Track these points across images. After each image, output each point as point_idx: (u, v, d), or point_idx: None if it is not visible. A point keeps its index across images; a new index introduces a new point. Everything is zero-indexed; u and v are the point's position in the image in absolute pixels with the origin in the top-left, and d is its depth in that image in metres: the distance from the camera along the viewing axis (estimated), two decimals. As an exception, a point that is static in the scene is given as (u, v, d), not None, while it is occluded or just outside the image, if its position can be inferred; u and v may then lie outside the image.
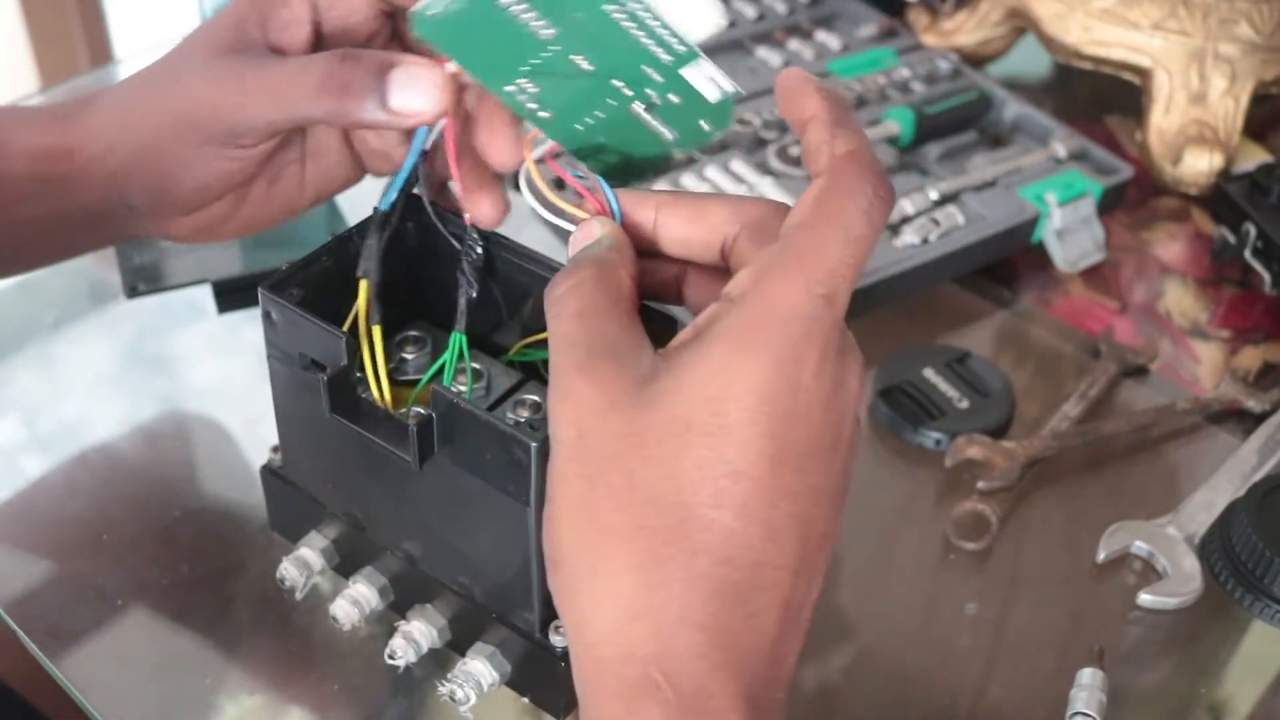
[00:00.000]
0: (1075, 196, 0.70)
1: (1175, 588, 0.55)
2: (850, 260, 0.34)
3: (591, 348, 0.35)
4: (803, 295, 0.33)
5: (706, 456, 0.33)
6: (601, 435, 0.34)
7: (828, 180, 0.35)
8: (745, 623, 0.33)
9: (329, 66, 0.42)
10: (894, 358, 0.63)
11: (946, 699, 0.51)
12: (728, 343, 0.33)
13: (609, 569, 0.33)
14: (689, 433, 0.33)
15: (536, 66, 0.40)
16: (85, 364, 0.64)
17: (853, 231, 0.34)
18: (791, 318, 0.33)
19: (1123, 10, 0.77)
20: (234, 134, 0.45)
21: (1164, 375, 0.66)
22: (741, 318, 0.33)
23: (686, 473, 0.33)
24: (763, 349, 0.33)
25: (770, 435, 0.33)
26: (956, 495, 0.58)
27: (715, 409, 0.33)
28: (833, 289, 0.34)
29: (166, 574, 0.54)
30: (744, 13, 0.84)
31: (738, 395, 0.33)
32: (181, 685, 0.51)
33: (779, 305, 0.33)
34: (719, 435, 0.33)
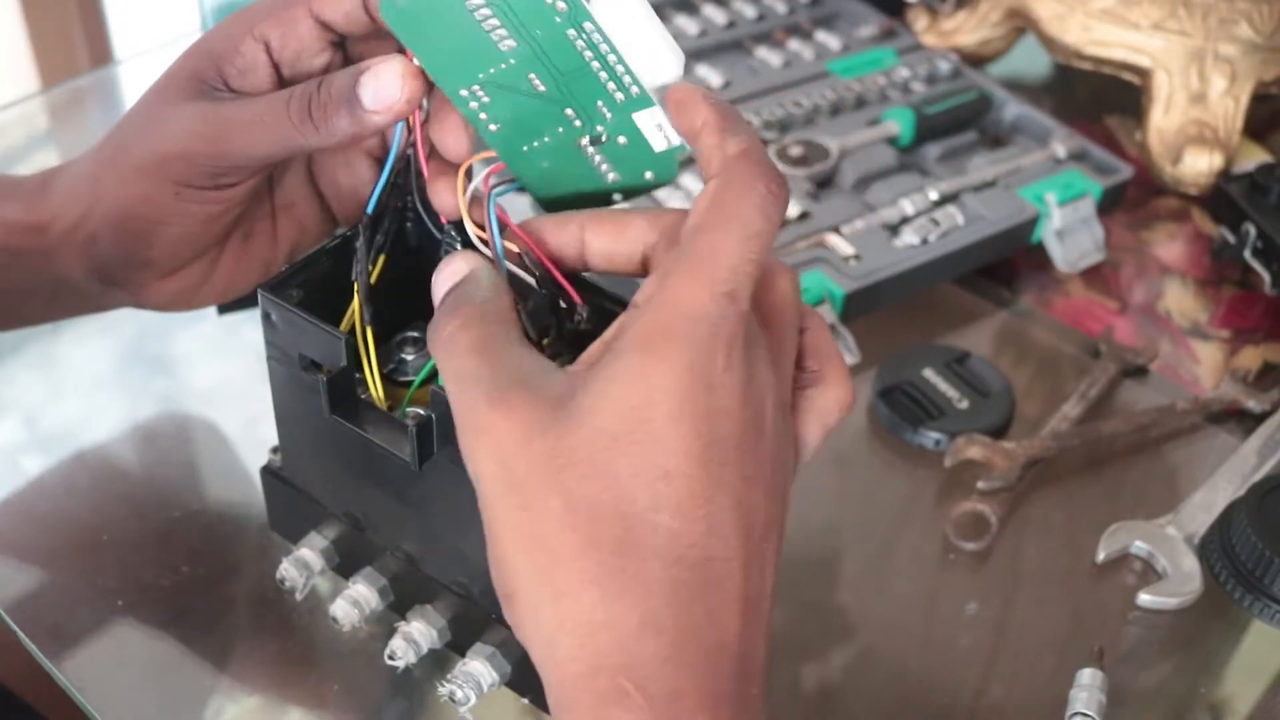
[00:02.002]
0: (1075, 196, 0.70)
1: (1175, 588, 0.55)
2: (750, 255, 0.35)
3: (496, 379, 0.35)
4: (705, 295, 0.34)
5: (637, 464, 0.33)
6: (528, 462, 0.34)
7: (720, 180, 0.36)
8: (706, 619, 0.34)
9: (307, 90, 0.43)
10: (894, 358, 0.63)
11: (946, 699, 0.51)
12: (639, 350, 0.34)
13: (566, 589, 0.33)
14: (616, 444, 0.33)
15: (492, 77, 0.40)
16: (85, 364, 0.64)
17: (749, 228, 0.35)
18: (697, 318, 0.34)
19: (1123, 10, 0.77)
20: (218, 172, 0.44)
21: (1164, 375, 0.66)
22: (649, 323, 0.34)
23: (622, 483, 0.33)
24: (674, 352, 0.33)
25: (695, 434, 0.33)
26: (956, 495, 0.58)
27: (638, 417, 0.33)
28: (734, 286, 0.34)
29: (166, 574, 0.54)
30: (744, 13, 0.84)
31: (657, 400, 0.33)
32: (181, 685, 0.51)
33: (684, 307, 0.34)
34: (646, 442, 0.33)
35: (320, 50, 0.45)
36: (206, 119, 0.44)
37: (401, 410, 0.44)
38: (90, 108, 0.85)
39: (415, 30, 0.39)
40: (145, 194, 0.45)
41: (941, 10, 0.85)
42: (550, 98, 0.40)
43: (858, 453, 0.62)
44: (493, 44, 0.39)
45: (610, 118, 0.40)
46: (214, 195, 0.45)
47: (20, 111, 0.82)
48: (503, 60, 0.39)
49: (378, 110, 0.41)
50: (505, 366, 0.35)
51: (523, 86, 0.40)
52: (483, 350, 0.36)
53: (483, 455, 0.35)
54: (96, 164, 0.47)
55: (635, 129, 0.41)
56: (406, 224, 0.46)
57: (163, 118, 0.45)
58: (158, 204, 0.45)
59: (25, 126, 0.82)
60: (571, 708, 0.34)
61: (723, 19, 0.84)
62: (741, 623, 0.34)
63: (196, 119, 0.44)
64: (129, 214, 0.46)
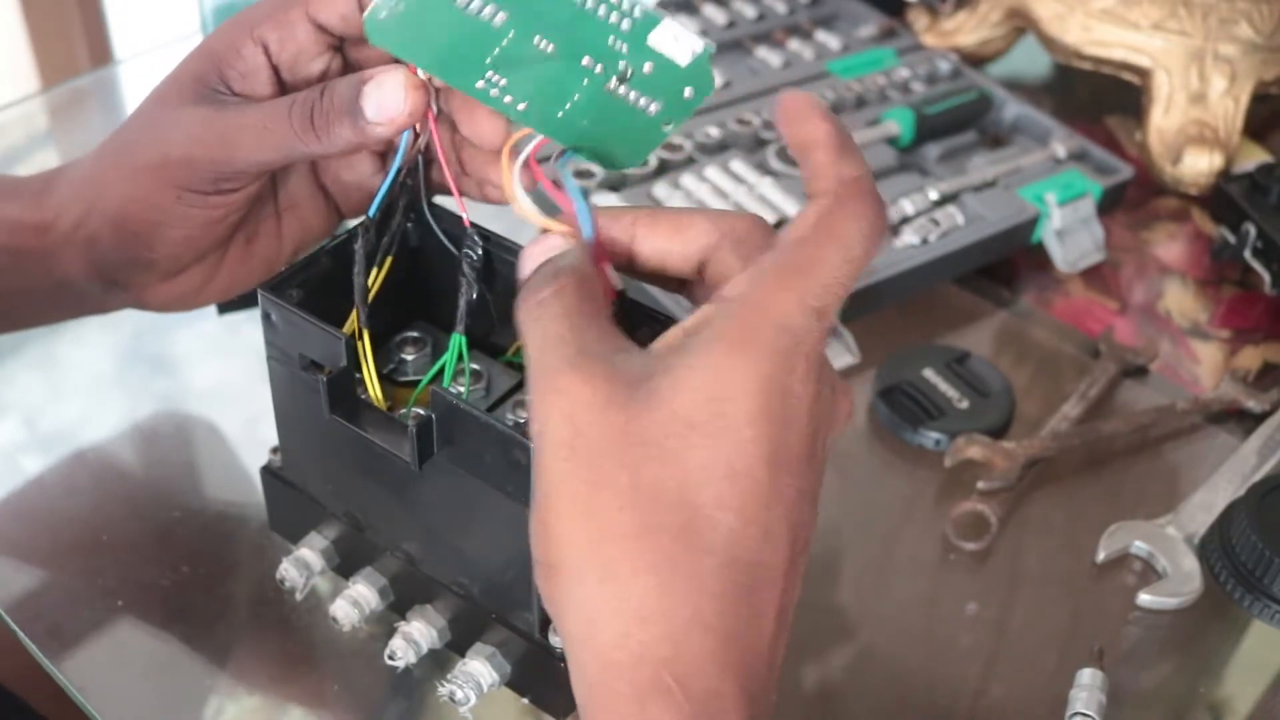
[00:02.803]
0: (1075, 196, 0.70)
1: (1175, 588, 0.55)
2: (844, 279, 0.35)
3: (582, 347, 0.35)
4: (796, 305, 0.34)
5: (708, 457, 0.33)
6: (601, 433, 0.33)
7: (833, 201, 0.36)
8: (750, 624, 0.34)
9: (310, 98, 0.43)
10: (894, 358, 0.63)
11: (946, 699, 0.51)
12: (724, 345, 0.34)
13: (618, 571, 0.33)
14: (691, 432, 0.33)
15: (498, 56, 0.39)
16: (85, 364, 0.64)
17: (851, 252, 0.35)
18: (785, 326, 0.34)
19: (1123, 10, 0.77)
20: (221, 178, 0.44)
21: (1164, 375, 0.66)
22: (737, 321, 0.34)
23: (691, 472, 0.33)
24: (758, 354, 0.33)
25: (768, 438, 0.33)
26: (956, 495, 0.58)
27: (716, 410, 0.33)
28: (825, 303, 0.34)
29: (166, 574, 0.54)
30: (744, 13, 0.84)
31: (737, 398, 0.33)
32: (181, 685, 0.51)
33: (774, 312, 0.34)
34: (720, 436, 0.33)
35: (319, 53, 0.45)
36: (209, 124, 0.44)
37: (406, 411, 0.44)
38: (90, 108, 0.85)
39: (407, 40, 0.39)
40: (147, 197, 0.45)
41: (941, 10, 0.85)
42: (562, 54, 0.40)
43: (858, 453, 0.62)
44: (485, 25, 0.39)
45: (627, 49, 0.40)
46: (216, 200, 0.45)
47: (20, 111, 0.82)
48: (501, 37, 0.39)
49: (380, 122, 0.41)
50: (592, 336, 0.35)
51: (531, 54, 0.39)
52: (574, 317, 0.36)
53: (555, 415, 0.34)
54: (99, 165, 0.47)
55: (655, 52, 0.40)
56: (408, 224, 0.46)
57: (166, 121, 0.45)
58: (159, 207, 0.45)
59: (25, 126, 0.82)
60: (605, 696, 0.34)
61: (723, 19, 0.84)
62: (776, 629, 0.35)
63: (199, 124, 0.44)
64: (130, 216, 0.46)
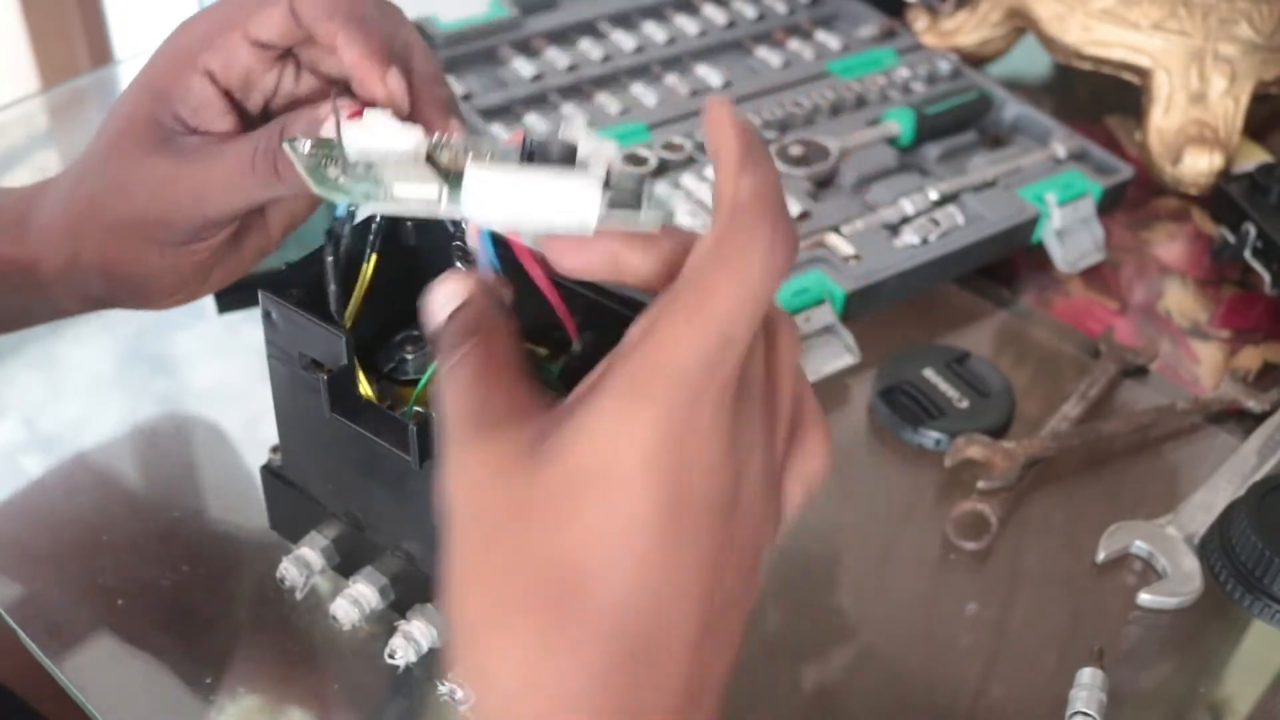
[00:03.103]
0: (1075, 196, 0.70)
1: (1175, 588, 0.55)
2: (745, 308, 0.32)
3: (481, 418, 0.33)
4: (691, 346, 0.31)
5: (599, 514, 0.31)
6: (495, 502, 0.32)
7: (727, 221, 0.33)
8: (645, 699, 0.32)
9: (270, 146, 0.42)
10: (894, 358, 0.63)
11: (946, 698, 0.51)
12: (619, 393, 0.31)
13: (505, 641, 0.32)
14: (581, 491, 0.31)
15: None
16: (85, 364, 0.64)
17: (748, 276, 0.32)
18: (680, 369, 0.31)
19: (1122, 10, 0.77)
20: (197, 232, 0.44)
21: (1164, 375, 0.66)
22: (633, 366, 0.32)
23: (580, 533, 0.31)
24: (654, 397, 0.31)
25: (665, 489, 0.31)
26: (956, 495, 0.58)
27: (608, 464, 0.31)
28: (728, 336, 0.32)
29: (166, 574, 0.54)
30: (744, 13, 0.84)
31: (630, 449, 0.31)
32: (181, 685, 0.51)
33: (671, 353, 0.31)
34: (612, 492, 0.31)
35: (267, 68, 0.44)
36: (176, 182, 0.43)
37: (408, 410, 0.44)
38: (90, 108, 0.85)
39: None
40: (130, 252, 0.45)
41: (941, 10, 0.85)
42: None
43: (858, 453, 0.62)
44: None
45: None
46: (199, 245, 0.45)
47: (20, 111, 0.82)
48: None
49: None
50: (497, 401, 0.34)
51: None
52: (479, 384, 0.34)
53: (459, 490, 0.33)
54: (70, 215, 0.46)
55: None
56: (407, 223, 0.46)
57: (131, 177, 0.44)
58: (143, 260, 0.45)
59: (25, 126, 0.82)
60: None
61: (723, 19, 0.84)
62: (684, 705, 0.32)
63: (166, 182, 0.43)
64: (117, 269, 0.46)
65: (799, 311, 0.63)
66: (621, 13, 0.83)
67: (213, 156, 0.43)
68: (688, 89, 0.78)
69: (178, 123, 0.44)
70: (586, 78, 0.78)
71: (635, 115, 0.76)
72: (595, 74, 0.78)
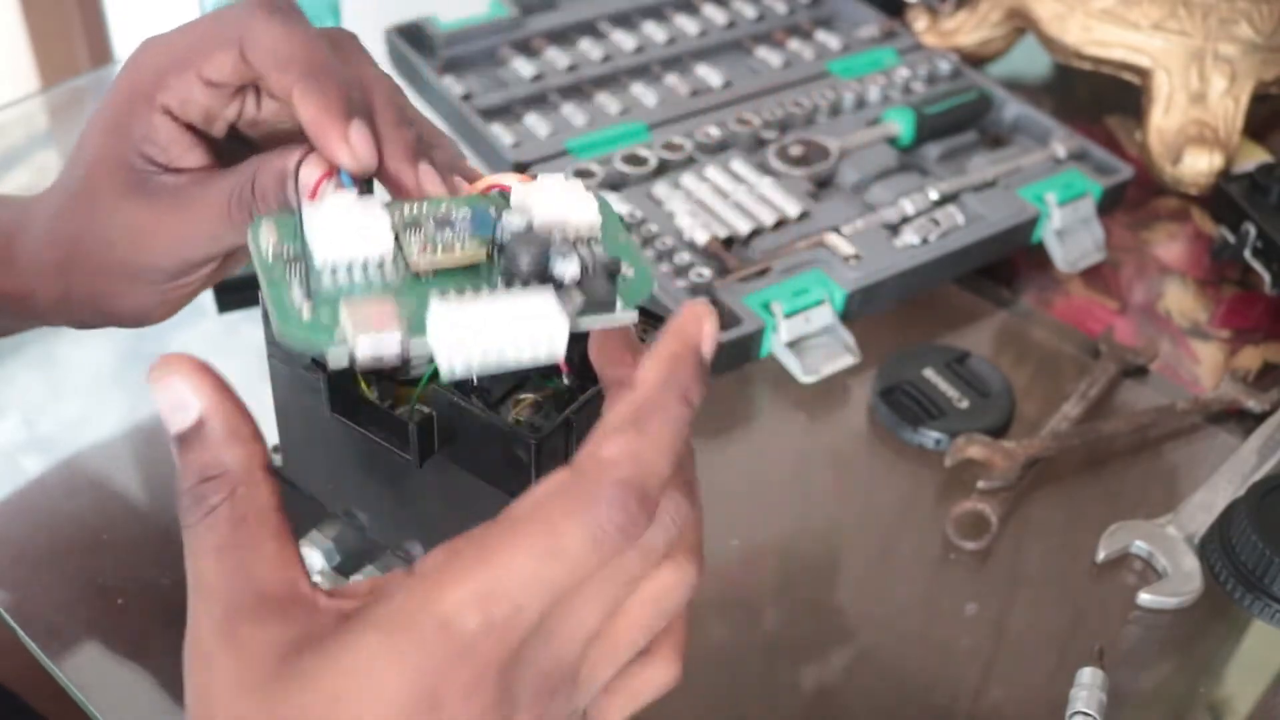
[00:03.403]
0: (1075, 196, 0.70)
1: (1175, 587, 0.55)
2: (549, 582, 0.29)
3: (231, 602, 0.30)
4: (469, 603, 0.28)
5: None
6: (230, 713, 0.30)
7: (570, 478, 0.30)
8: None
9: (245, 196, 0.41)
10: (894, 358, 0.63)
11: (946, 699, 0.51)
12: (378, 635, 0.29)
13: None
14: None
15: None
16: (85, 364, 0.64)
17: (564, 553, 0.29)
18: (447, 624, 0.28)
19: (1122, 10, 0.78)
20: (182, 273, 0.44)
21: (1164, 375, 0.66)
22: (403, 609, 0.29)
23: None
24: (407, 649, 0.28)
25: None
26: (956, 495, 0.58)
27: (351, 701, 0.28)
28: (513, 606, 0.29)
29: (166, 573, 0.54)
30: (744, 13, 0.84)
31: (366, 698, 0.28)
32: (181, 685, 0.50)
33: (438, 605, 0.29)
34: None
35: (227, 102, 0.43)
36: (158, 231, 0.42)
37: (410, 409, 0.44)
38: (90, 108, 0.85)
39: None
40: (118, 288, 0.45)
41: (941, 10, 0.86)
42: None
43: (858, 453, 0.62)
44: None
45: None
46: (187, 279, 0.45)
47: (20, 111, 0.82)
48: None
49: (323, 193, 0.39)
50: (246, 583, 0.30)
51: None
52: (224, 554, 0.30)
53: (193, 689, 0.30)
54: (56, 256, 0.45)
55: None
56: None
57: (111, 225, 0.43)
58: (134, 297, 0.45)
59: (25, 126, 0.82)
60: None
61: (723, 19, 0.84)
62: None
63: (147, 231, 0.42)
64: (107, 301, 0.45)
65: (799, 312, 0.63)
66: (621, 13, 0.83)
67: (189, 203, 0.42)
68: (688, 89, 0.78)
69: (147, 161, 0.42)
70: (586, 78, 0.78)
71: (635, 115, 0.76)
72: (595, 74, 0.78)
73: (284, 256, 0.35)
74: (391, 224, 0.35)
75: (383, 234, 0.35)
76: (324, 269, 0.35)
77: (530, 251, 0.34)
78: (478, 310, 0.32)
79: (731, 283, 0.64)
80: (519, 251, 0.34)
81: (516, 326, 0.32)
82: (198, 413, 0.32)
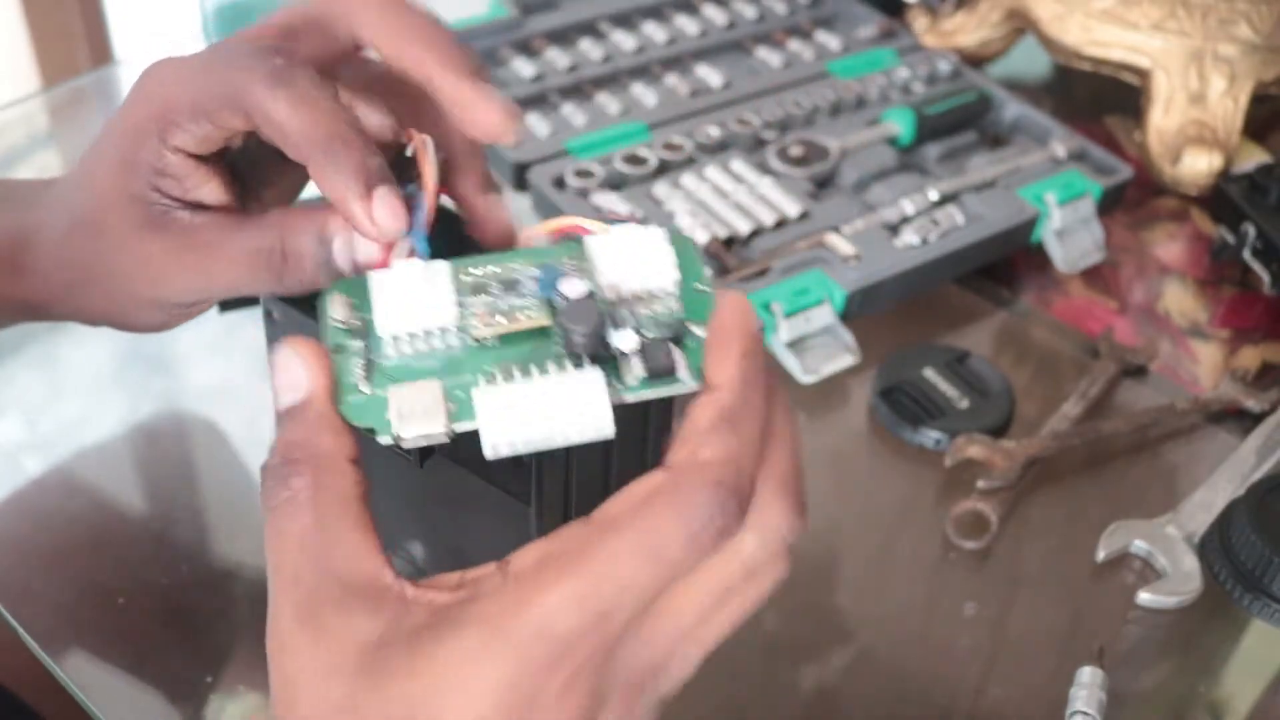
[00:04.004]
0: (1075, 197, 0.71)
1: (1175, 587, 0.55)
2: (647, 583, 0.29)
3: (315, 589, 0.30)
4: (568, 606, 0.29)
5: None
6: (315, 707, 0.30)
7: (668, 480, 0.30)
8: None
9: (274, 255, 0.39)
10: (894, 358, 0.63)
11: (946, 698, 0.51)
12: (474, 633, 0.29)
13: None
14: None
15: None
16: (85, 364, 0.64)
17: (664, 553, 0.29)
18: (545, 628, 0.29)
19: (1122, 11, 0.78)
20: (201, 304, 0.43)
21: (1163, 375, 0.66)
22: (499, 607, 0.29)
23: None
24: (505, 651, 0.29)
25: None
26: (956, 495, 0.58)
27: (441, 705, 0.29)
28: (613, 606, 0.29)
29: (166, 573, 0.54)
30: (744, 13, 0.84)
31: (464, 695, 0.29)
32: (181, 684, 0.51)
33: (537, 609, 0.29)
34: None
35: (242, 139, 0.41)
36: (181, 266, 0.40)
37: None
38: (90, 108, 0.85)
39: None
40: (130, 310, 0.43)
41: (941, 11, 0.86)
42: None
43: (858, 453, 0.62)
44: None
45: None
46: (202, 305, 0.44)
47: (20, 111, 0.82)
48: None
49: (357, 266, 0.38)
50: (329, 571, 0.30)
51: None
52: (307, 542, 0.31)
53: (278, 676, 0.30)
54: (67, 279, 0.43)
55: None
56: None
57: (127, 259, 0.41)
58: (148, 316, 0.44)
59: (25, 126, 0.82)
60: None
61: (723, 19, 0.84)
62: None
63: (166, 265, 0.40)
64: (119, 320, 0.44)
65: (799, 312, 0.63)
66: (621, 13, 0.83)
67: (208, 248, 0.40)
68: (688, 89, 0.78)
69: (162, 195, 0.40)
70: (586, 78, 0.78)
71: (635, 115, 0.76)
72: (595, 74, 0.78)
73: (351, 328, 0.36)
74: (456, 290, 0.36)
75: (446, 304, 0.35)
76: (386, 339, 0.35)
77: (582, 327, 0.34)
78: (522, 393, 0.32)
79: (731, 283, 0.64)
80: (571, 327, 0.34)
81: (561, 411, 0.32)
82: (305, 393, 0.33)
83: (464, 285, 0.36)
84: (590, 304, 0.34)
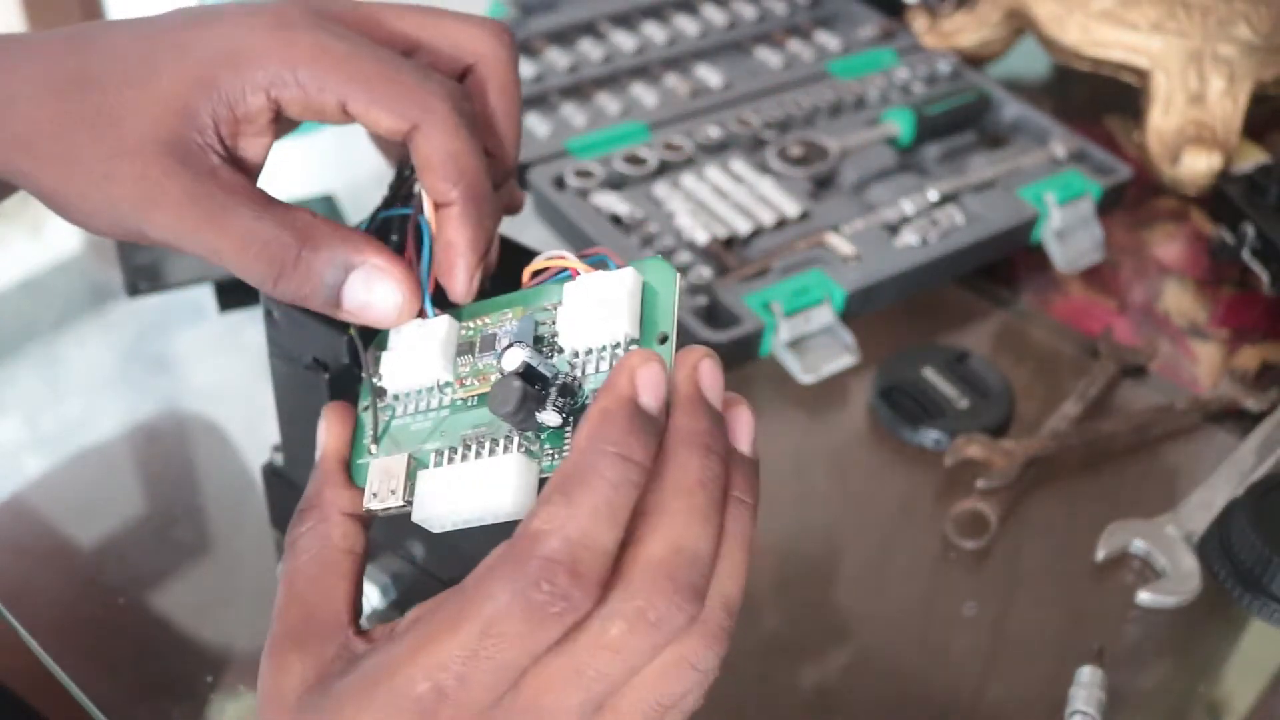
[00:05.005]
0: (1074, 197, 0.71)
1: (1174, 586, 0.55)
2: (494, 653, 0.29)
3: (290, 625, 0.34)
4: (419, 673, 0.30)
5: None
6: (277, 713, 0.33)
7: (507, 547, 0.30)
8: None
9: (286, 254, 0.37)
10: (894, 358, 0.64)
11: (946, 697, 0.52)
12: (359, 687, 0.31)
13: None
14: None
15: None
16: (86, 363, 0.64)
17: (499, 626, 0.29)
18: (401, 692, 0.30)
19: (1121, 11, 0.78)
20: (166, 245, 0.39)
21: (1163, 375, 0.66)
22: (375, 665, 0.31)
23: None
24: (375, 711, 0.30)
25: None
26: (956, 495, 0.58)
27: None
28: (468, 671, 0.29)
29: (166, 573, 0.54)
30: (744, 13, 0.84)
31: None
32: (182, 683, 0.51)
33: (396, 675, 0.30)
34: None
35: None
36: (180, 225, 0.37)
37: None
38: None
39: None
40: (97, 225, 0.39)
41: (941, 11, 0.86)
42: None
43: (857, 452, 0.62)
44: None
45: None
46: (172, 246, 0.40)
47: (20, 111, 0.82)
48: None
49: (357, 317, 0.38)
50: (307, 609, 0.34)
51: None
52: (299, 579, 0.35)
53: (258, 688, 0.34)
54: (48, 155, 0.38)
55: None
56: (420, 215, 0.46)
57: (140, 177, 0.36)
58: (106, 231, 0.39)
59: (25, 126, 0.81)
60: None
61: (723, 19, 0.84)
62: None
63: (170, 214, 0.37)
64: (74, 219, 0.39)
65: (799, 312, 0.63)
66: (621, 13, 0.83)
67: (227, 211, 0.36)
68: (688, 89, 0.78)
69: (214, 129, 0.37)
70: (586, 78, 0.78)
71: (635, 115, 0.76)
72: (595, 74, 0.78)
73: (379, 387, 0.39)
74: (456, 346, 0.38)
75: (439, 363, 0.37)
76: (392, 398, 0.38)
77: (505, 408, 0.34)
78: (456, 475, 0.34)
79: (731, 283, 0.64)
80: (497, 406, 0.34)
81: (482, 494, 0.34)
82: (320, 450, 0.37)
83: (463, 340, 0.38)
84: (511, 386, 0.34)
